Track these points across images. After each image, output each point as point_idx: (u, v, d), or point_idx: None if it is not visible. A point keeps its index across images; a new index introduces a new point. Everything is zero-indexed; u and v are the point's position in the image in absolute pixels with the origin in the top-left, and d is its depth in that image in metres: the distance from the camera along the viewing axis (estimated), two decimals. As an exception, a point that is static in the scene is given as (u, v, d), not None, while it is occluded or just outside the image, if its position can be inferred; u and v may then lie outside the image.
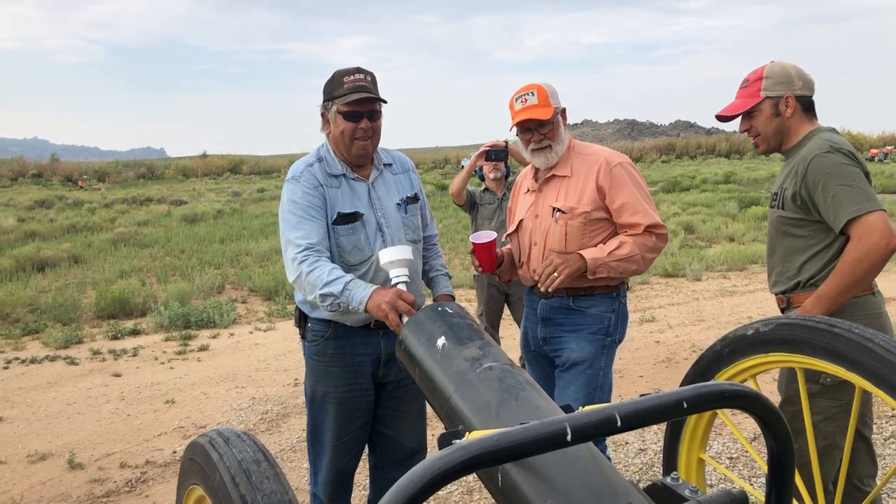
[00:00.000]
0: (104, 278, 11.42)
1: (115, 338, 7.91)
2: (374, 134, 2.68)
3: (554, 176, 2.86)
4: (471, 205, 5.31)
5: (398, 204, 2.78)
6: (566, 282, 2.69)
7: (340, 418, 2.75)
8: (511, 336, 6.75)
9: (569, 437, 1.13)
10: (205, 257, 13.36)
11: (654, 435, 4.38)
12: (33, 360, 6.92)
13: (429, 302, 2.59)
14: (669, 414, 1.25)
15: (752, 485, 3.66)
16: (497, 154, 4.88)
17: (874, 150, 40.19)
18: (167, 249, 14.57)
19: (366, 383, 2.76)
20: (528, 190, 2.99)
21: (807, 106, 2.65)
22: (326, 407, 2.75)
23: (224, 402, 5.56)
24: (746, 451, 4.06)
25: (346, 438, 2.78)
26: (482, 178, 5.37)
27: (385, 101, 2.68)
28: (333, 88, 2.64)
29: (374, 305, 2.39)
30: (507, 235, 3.07)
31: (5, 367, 6.74)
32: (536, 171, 2.95)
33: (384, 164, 2.82)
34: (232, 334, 7.95)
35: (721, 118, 2.77)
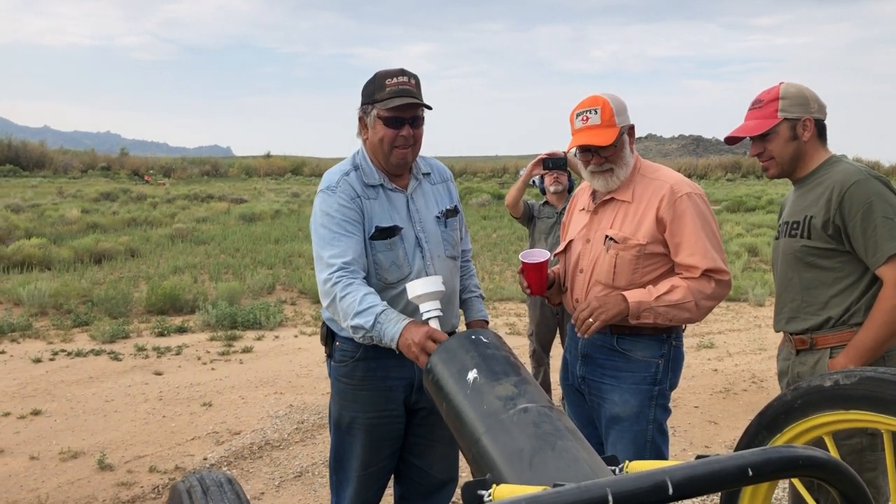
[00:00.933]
0: (158, 273, 11.52)
1: (161, 334, 7.90)
2: (416, 142, 2.46)
3: (613, 199, 2.54)
4: (528, 218, 5.08)
5: (437, 217, 2.56)
6: (603, 327, 2.39)
7: (368, 447, 2.55)
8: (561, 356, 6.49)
9: None
10: (258, 257, 13.40)
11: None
12: (78, 353, 6.94)
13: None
14: (732, 482, 1.08)
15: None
16: (555, 162, 4.54)
17: None
18: (222, 247, 14.68)
19: (397, 410, 2.56)
20: (584, 209, 2.68)
21: (821, 131, 2.46)
22: (353, 434, 2.56)
23: (261, 407, 5.44)
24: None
25: (373, 469, 2.58)
26: (543, 192, 5.13)
27: (430, 108, 2.46)
28: (374, 91, 2.42)
29: (404, 345, 2.18)
30: (557, 254, 2.80)
31: (51, 359, 6.77)
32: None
33: (423, 174, 2.60)
34: (276, 337, 7.87)
35: (731, 140, 2.53)
